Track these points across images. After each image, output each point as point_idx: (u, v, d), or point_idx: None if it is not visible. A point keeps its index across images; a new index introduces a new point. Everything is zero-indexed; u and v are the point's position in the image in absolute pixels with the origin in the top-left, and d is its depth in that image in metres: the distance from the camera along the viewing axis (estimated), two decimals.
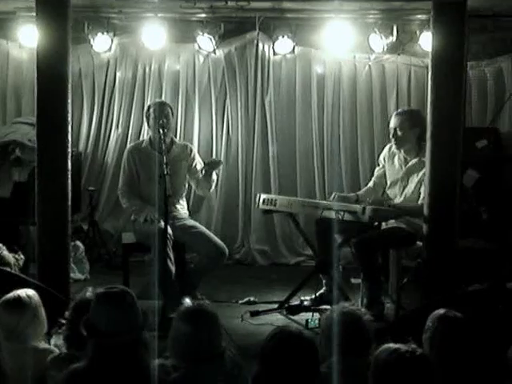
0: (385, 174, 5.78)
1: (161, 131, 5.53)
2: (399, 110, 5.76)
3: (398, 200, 5.57)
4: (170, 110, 5.81)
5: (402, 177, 5.60)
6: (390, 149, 5.75)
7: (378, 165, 5.90)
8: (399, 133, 5.52)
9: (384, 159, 5.81)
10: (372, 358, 2.77)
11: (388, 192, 5.71)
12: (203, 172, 5.76)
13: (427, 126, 5.10)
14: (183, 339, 3.10)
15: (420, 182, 5.43)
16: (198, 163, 5.91)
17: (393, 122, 5.58)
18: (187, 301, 5.23)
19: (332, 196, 5.67)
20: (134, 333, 2.97)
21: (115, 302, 2.99)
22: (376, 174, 5.88)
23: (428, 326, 3.34)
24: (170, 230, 5.28)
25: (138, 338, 3.00)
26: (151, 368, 2.98)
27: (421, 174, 5.43)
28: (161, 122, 5.61)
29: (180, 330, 3.13)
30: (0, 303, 3.64)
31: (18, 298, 3.63)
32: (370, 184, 5.90)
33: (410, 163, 5.57)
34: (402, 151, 5.62)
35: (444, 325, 3.29)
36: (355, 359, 3.05)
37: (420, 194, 5.41)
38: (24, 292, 3.69)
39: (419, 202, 5.38)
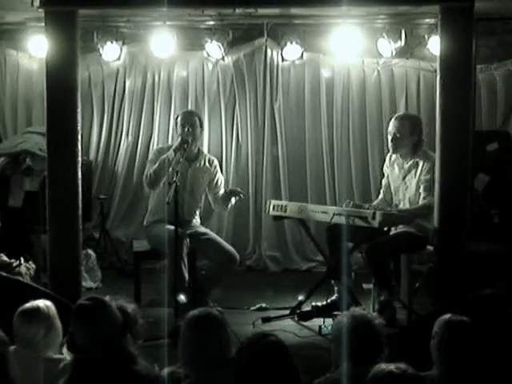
0: (389, 184, 5.78)
1: (184, 139, 5.57)
2: (401, 115, 5.74)
3: (404, 204, 5.56)
4: (197, 120, 5.82)
5: (401, 181, 5.61)
6: (390, 158, 5.77)
7: (383, 175, 5.91)
8: (399, 137, 5.52)
9: (387, 168, 5.82)
10: (367, 380, 2.75)
11: (394, 199, 5.70)
12: (223, 195, 5.80)
13: (437, 130, 5.10)
14: (191, 346, 3.10)
15: (418, 183, 5.44)
16: (220, 179, 5.94)
17: (394, 127, 5.56)
18: (182, 297, 5.24)
19: (345, 203, 5.65)
20: (109, 346, 2.97)
21: (84, 318, 3.00)
22: (383, 184, 5.88)
23: (435, 331, 3.33)
24: (185, 235, 5.29)
25: (115, 350, 2.99)
26: (144, 376, 2.97)
27: (418, 173, 5.47)
28: (186, 129, 5.65)
29: (187, 338, 3.14)
30: (18, 313, 3.65)
31: (37, 309, 3.64)
32: (381, 196, 5.88)
33: (405, 166, 5.59)
34: (399, 157, 5.63)
35: (450, 330, 3.28)
36: (368, 365, 2.99)
37: (420, 194, 5.42)
38: (42, 303, 3.70)
39: (420, 202, 5.38)
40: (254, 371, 2.79)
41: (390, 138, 5.59)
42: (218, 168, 6.03)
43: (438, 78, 5.09)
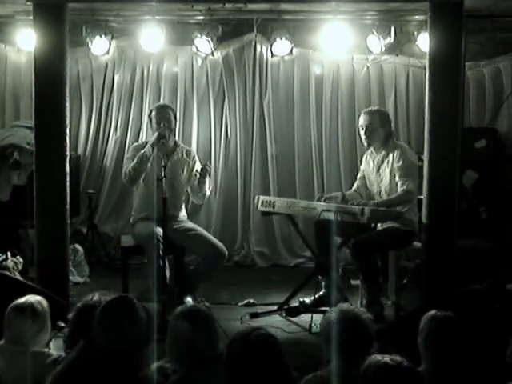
0: (364, 178, 5.83)
1: (161, 134, 5.56)
2: (369, 109, 5.79)
3: (381, 196, 5.58)
4: (171, 113, 5.81)
5: (376, 174, 5.65)
6: (366, 157, 5.82)
7: (358, 171, 5.97)
8: (371, 129, 5.57)
9: (363, 164, 5.87)
10: (361, 370, 2.75)
11: (371, 191, 5.74)
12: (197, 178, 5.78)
13: (426, 127, 5.11)
14: (179, 342, 3.10)
15: (391, 172, 5.47)
16: (198, 170, 5.92)
17: (364, 120, 5.61)
18: (189, 300, 5.26)
19: (317, 198, 5.68)
20: (131, 353, 2.97)
21: (120, 329, 2.97)
22: (358, 178, 5.93)
23: (421, 327, 3.34)
24: (160, 232, 5.26)
25: (134, 358, 2.98)
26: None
27: (390, 163, 5.50)
28: (162, 125, 5.64)
29: (175, 333, 3.13)
30: (12, 308, 3.64)
31: (32, 306, 3.63)
32: (354, 187, 5.93)
33: (378, 158, 5.63)
34: (373, 151, 5.67)
35: (436, 325, 3.29)
36: (358, 360, 2.94)
37: (397, 183, 5.44)
38: (37, 300, 3.69)
39: (399, 190, 5.40)
40: (245, 364, 2.80)
41: (362, 131, 5.64)
42: (197, 158, 6.00)
43: (427, 74, 5.11)
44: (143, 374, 2.99)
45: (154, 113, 5.81)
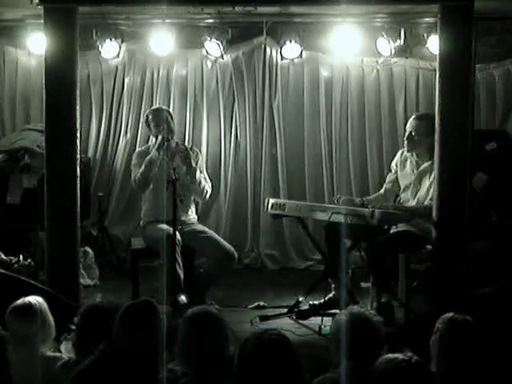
0: (397, 180, 5.73)
1: (165, 137, 5.58)
2: (419, 114, 5.67)
3: (410, 204, 5.53)
4: (168, 115, 5.85)
5: (414, 181, 5.53)
6: (401, 154, 5.69)
7: (391, 171, 5.84)
8: (415, 137, 5.45)
9: (396, 165, 5.74)
10: (373, 368, 2.75)
11: (401, 196, 5.66)
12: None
13: (435, 129, 5.10)
14: (189, 344, 3.10)
15: (431, 185, 5.40)
16: (201, 167, 5.91)
17: (411, 125, 5.49)
18: (182, 298, 5.25)
19: (336, 198, 5.63)
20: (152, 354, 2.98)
21: (142, 330, 2.99)
22: (388, 179, 5.83)
23: (437, 328, 3.32)
24: (178, 236, 5.29)
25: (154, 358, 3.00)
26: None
27: (432, 177, 5.39)
28: (162, 127, 5.66)
29: (185, 336, 3.13)
30: (10, 309, 3.68)
31: (28, 305, 3.67)
32: (381, 191, 5.85)
33: (421, 167, 5.51)
34: (414, 155, 5.56)
35: (453, 328, 3.27)
36: (368, 363, 2.95)
37: (428, 194, 5.39)
38: (33, 298, 3.72)
39: (425, 203, 5.36)
40: (257, 364, 2.80)
41: (405, 135, 5.52)
42: (199, 155, 6.01)
43: (437, 77, 5.10)
44: (162, 375, 3.01)
45: (150, 117, 5.84)
